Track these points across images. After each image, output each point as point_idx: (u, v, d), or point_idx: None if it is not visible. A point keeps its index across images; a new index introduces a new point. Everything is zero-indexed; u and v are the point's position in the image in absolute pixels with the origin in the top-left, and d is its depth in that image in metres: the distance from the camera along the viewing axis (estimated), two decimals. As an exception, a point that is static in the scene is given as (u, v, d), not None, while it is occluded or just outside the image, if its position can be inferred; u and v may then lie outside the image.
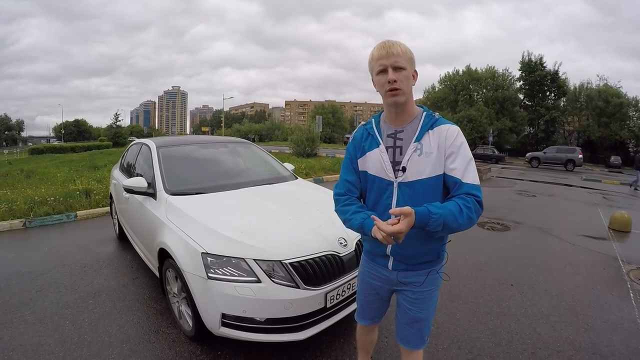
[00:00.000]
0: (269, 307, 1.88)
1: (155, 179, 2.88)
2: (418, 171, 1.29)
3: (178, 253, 2.14)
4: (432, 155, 1.28)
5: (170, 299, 2.53)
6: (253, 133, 48.30)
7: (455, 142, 1.28)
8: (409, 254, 1.37)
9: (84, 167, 14.19)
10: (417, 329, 1.46)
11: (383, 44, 1.28)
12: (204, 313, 2.00)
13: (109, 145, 41.67)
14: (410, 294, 1.43)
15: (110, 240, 4.44)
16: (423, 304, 1.43)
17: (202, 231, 2.15)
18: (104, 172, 10.77)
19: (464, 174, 1.25)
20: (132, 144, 4.24)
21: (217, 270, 1.94)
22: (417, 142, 1.30)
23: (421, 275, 1.40)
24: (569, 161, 21.38)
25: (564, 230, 5.73)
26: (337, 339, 2.40)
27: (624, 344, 2.53)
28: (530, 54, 35.92)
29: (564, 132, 38.36)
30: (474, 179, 1.25)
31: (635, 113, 34.11)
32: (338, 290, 2.09)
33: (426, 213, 1.16)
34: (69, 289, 3.11)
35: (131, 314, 2.69)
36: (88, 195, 6.40)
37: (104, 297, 2.95)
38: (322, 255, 2.07)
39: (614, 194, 11.32)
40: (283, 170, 3.70)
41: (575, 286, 3.55)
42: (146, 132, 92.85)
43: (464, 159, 1.27)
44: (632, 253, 4.73)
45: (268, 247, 2.01)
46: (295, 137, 18.80)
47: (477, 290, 3.32)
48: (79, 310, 2.74)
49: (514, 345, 2.46)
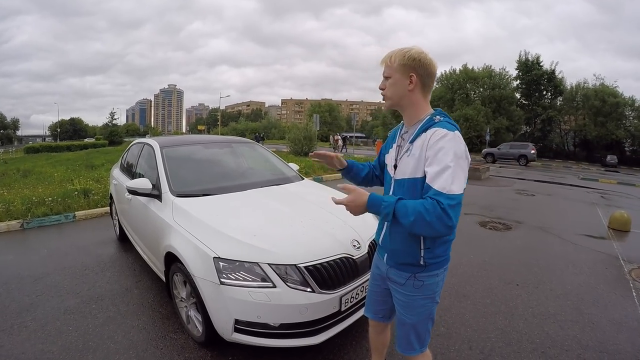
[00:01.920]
0: (284, 312, 1.85)
1: (160, 180, 2.83)
2: (403, 170, 1.38)
3: (188, 257, 2.09)
4: (414, 157, 1.32)
5: (177, 304, 2.49)
6: (260, 131, 47.25)
7: (434, 147, 1.24)
8: (393, 247, 1.44)
9: (81, 166, 14.02)
10: (404, 332, 1.49)
11: None
12: (216, 319, 1.96)
13: (104, 144, 41.35)
14: (397, 294, 1.48)
15: (111, 242, 4.38)
16: (407, 307, 1.45)
17: (212, 234, 2.11)
18: (101, 171, 10.64)
19: (434, 178, 1.20)
20: (133, 144, 4.17)
21: (229, 275, 1.89)
22: (410, 143, 1.36)
23: (403, 277, 1.43)
24: (521, 157, 22.31)
25: (564, 230, 5.75)
26: (349, 341, 2.38)
27: (629, 342, 2.57)
28: (527, 53, 36.12)
29: (561, 131, 38.61)
30: (442, 185, 1.18)
31: (631, 112, 34.45)
32: (352, 293, 2.07)
33: (379, 199, 1.27)
34: (71, 293, 3.04)
35: (136, 318, 2.63)
36: (86, 195, 6.31)
37: (107, 301, 2.89)
38: (336, 258, 2.04)
39: (611, 193, 11.39)
40: (289, 171, 3.66)
41: (579, 285, 3.57)
42: (142, 131, 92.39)
43: (439, 165, 1.21)
44: (633, 252, 4.75)
45: (282, 250, 1.97)
46: (292, 136, 18.76)
47: (483, 290, 3.32)
48: (82, 315, 2.68)
49: (524, 345, 2.48)
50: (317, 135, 20.79)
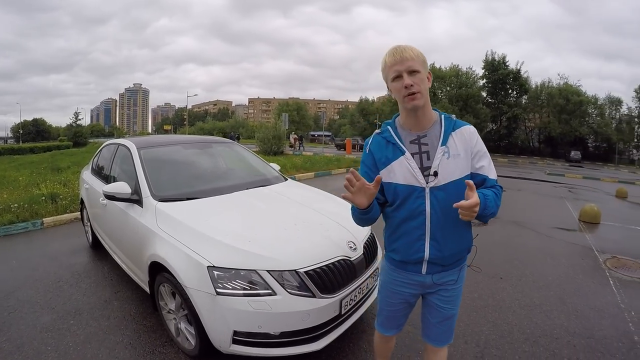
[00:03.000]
0: (286, 320, 1.77)
1: (139, 184, 2.65)
2: (449, 173, 1.31)
3: (178, 267, 1.95)
4: (459, 157, 1.32)
5: (164, 316, 2.33)
6: (235, 130, 44.84)
7: (478, 142, 1.37)
8: (446, 254, 1.38)
9: (46, 169, 13.14)
10: (448, 326, 1.50)
11: (395, 50, 1.29)
12: (212, 331, 1.84)
13: (69, 145, 39.27)
14: (444, 293, 1.45)
15: (83, 250, 4.10)
16: (456, 300, 1.48)
17: (203, 242, 1.98)
18: (68, 174, 10.01)
19: (489, 171, 1.36)
20: (106, 145, 3.93)
21: (226, 285, 1.79)
22: (444, 146, 1.32)
23: (455, 273, 1.43)
24: None
25: (538, 224, 6.00)
26: (347, 344, 2.34)
27: (613, 327, 2.73)
28: (493, 53, 37.72)
29: (526, 128, 40.53)
30: (495, 174, 1.37)
31: (594, 110, 36.74)
32: (351, 295, 2.03)
33: (481, 197, 1.21)
34: (46, 308, 2.79)
35: (120, 333, 2.44)
36: (54, 200, 5.88)
37: (86, 315, 2.67)
38: (335, 261, 1.99)
39: (578, 187, 12.08)
40: (271, 171, 3.57)
41: (559, 276, 3.72)
42: (107, 131, 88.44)
43: (487, 158, 1.37)
44: (605, 243, 5.03)
45: (280, 256, 1.89)
46: (262, 135, 18.62)
47: (470, 285, 3.37)
48: (60, 333, 2.45)
49: (516, 336, 2.56)
50: (286, 134, 20.76)
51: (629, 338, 2.59)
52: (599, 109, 36.88)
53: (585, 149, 35.47)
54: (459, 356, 2.29)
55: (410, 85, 1.24)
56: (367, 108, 47.16)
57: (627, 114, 38.14)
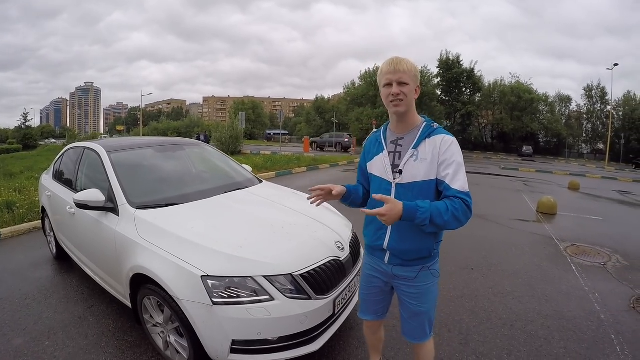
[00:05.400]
0: (286, 325, 1.77)
1: (113, 191, 2.50)
2: (412, 174, 1.45)
3: (167, 279, 1.86)
4: (426, 161, 1.44)
5: (149, 329, 2.23)
6: (202, 130, 41.81)
7: (448, 151, 1.43)
8: (403, 248, 1.51)
9: (-3, 175, 12.05)
10: (418, 323, 1.60)
11: (392, 60, 1.43)
12: (209, 342, 1.79)
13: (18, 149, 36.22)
14: (407, 288, 1.57)
15: (48, 262, 3.81)
16: (421, 297, 1.56)
17: (192, 250, 1.92)
18: (22, 180, 9.22)
19: (453, 180, 1.40)
20: (69, 148, 3.68)
21: (222, 294, 1.75)
22: (414, 149, 1.46)
23: (413, 271, 1.54)
24: (337, 143, 26.93)
25: (499, 216, 6.37)
26: (338, 342, 2.38)
27: (580, 308, 3.01)
28: (448, 53, 39.24)
29: (479, 124, 42.69)
30: (461, 185, 1.40)
31: (545, 107, 39.43)
32: (343, 294, 2.08)
33: (414, 206, 1.32)
34: (16, 330, 2.55)
35: (101, 352, 2.29)
36: (10, 209, 5.41)
37: (61, 335, 2.47)
38: (326, 261, 2.02)
39: (533, 180, 12.94)
40: (246, 173, 3.52)
41: (525, 265, 4.00)
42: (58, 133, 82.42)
43: (454, 168, 1.41)
44: (563, 232, 5.46)
45: (274, 260, 1.88)
46: (218, 135, 18.21)
47: (444, 276, 3.43)
48: (36, 356, 2.24)
49: (494, 322, 2.74)
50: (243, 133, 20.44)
51: (596, 317, 2.87)
52: (550, 106, 39.76)
53: (536, 144, 38.08)
54: (446, 344, 2.42)
55: (397, 94, 1.41)
56: (323, 106, 47.12)
57: (576, 111, 41.54)
